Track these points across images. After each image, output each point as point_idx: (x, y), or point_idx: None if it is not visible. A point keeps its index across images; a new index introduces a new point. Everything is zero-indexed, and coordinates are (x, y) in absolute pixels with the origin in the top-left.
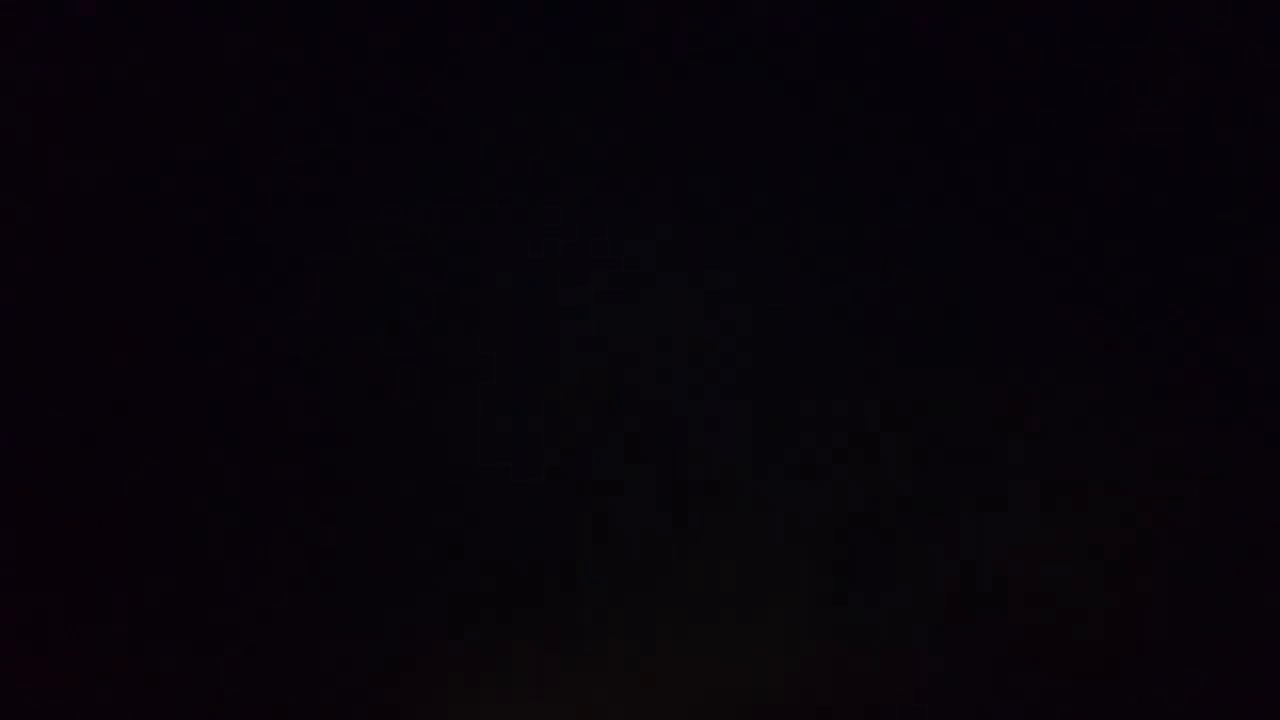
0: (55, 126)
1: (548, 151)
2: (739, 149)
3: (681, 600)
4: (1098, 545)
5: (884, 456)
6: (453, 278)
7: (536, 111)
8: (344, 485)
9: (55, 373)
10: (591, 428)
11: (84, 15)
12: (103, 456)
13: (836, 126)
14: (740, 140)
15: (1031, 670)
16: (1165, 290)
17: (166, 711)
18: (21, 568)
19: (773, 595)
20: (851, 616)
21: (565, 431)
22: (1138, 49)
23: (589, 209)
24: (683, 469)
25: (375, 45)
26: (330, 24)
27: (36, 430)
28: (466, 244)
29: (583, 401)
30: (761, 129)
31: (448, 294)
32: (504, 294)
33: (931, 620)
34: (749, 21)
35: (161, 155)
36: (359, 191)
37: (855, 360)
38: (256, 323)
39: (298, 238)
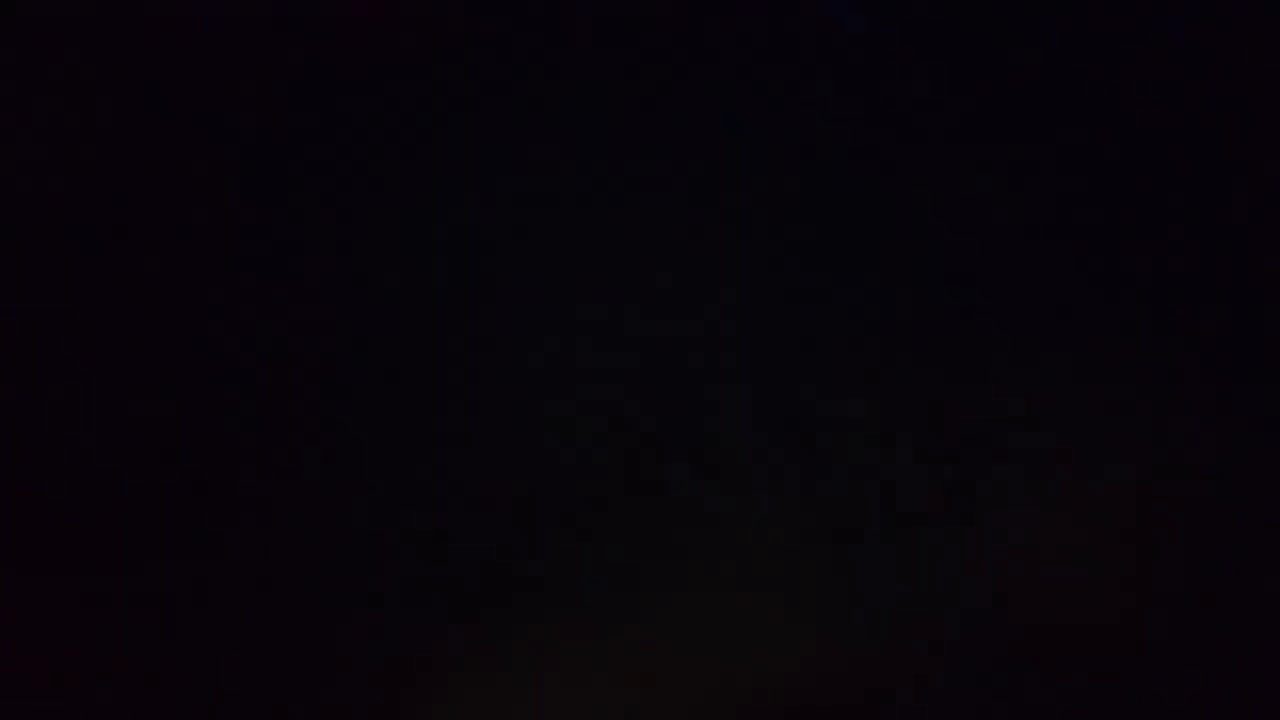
0: (55, 126)
1: (549, 151)
2: (739, 148)
3: (680, 600)
4: (1098, 545)
5: (886, 456)
6: (453, 278)
7: (536, 111)
8: (344, 485)
9: (55, 373)
10: (593, 429)
11: (84, 15)
12: (103, 456)
13: (838, 127)
14: (740, 140)
15: (1031, 670)
16: (1166, 290)
17: (166, 711)
18: (21, 568)
19: (773, 594)
20: (852, 616)
21: (566, 433)
22: (1138, 49)
23: (590, 209)
24: (683, 469)
25: (376, 46)
26: (331, 25)
27: (36, 430)
28: (470, 244)
29: (584, 402)
30: (762, 129)
31: (449, 293)
32: (504, 294)
33: (931, 620)
34: (749, 21)
35: (161, 155)
36: (359, 192)
37: (858, 360)
38: (257, 324)
39: (297, 237)
